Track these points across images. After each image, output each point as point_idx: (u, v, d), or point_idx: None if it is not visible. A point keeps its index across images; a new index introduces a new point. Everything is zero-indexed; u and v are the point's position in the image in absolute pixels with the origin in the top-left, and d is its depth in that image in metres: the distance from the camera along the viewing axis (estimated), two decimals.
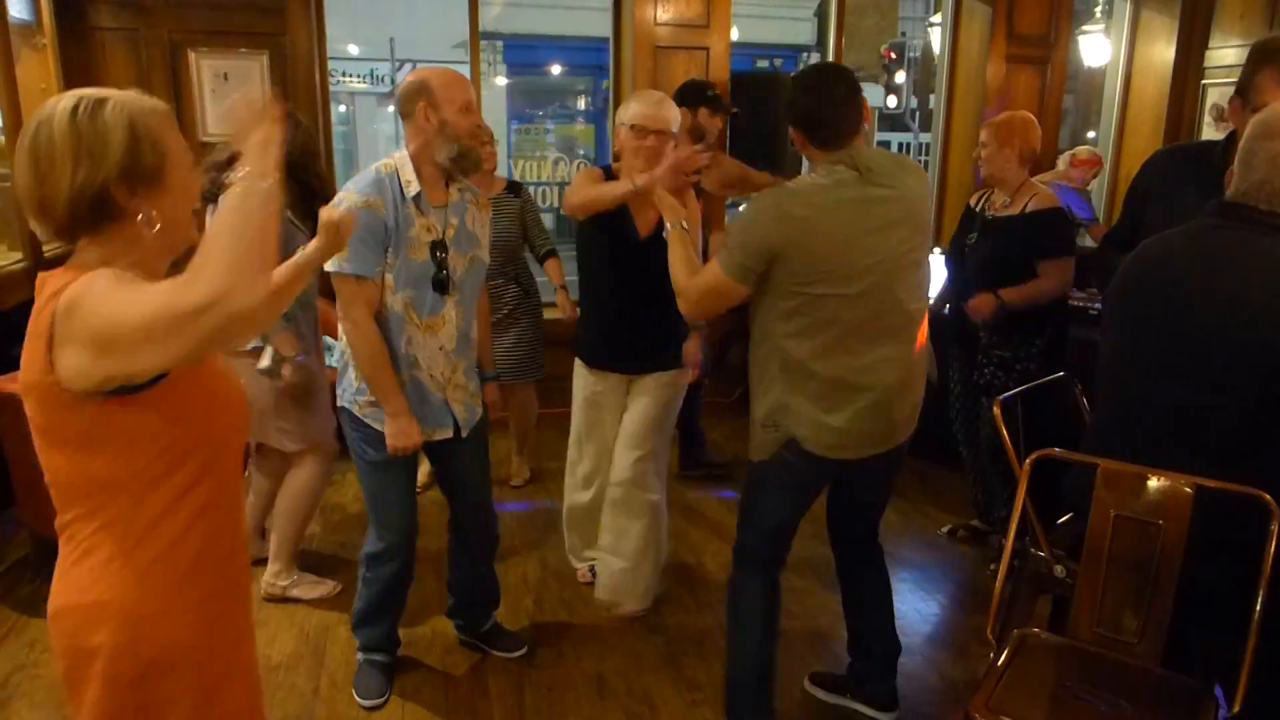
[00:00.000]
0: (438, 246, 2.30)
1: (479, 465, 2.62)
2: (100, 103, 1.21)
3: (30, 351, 1.20)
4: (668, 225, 2.28)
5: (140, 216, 1.23)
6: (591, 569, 3.18)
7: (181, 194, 1.28)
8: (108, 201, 1.20)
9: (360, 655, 2.66)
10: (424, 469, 3.97)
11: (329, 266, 2.18)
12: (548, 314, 4.01)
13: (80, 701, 1.28)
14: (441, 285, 2.31)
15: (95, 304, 1.14)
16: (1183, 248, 1.80)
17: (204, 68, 4.31)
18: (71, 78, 4.10)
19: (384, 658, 2.65)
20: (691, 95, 3.67)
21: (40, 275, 1.26)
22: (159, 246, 1.28)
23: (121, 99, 1.23)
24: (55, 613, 1.29)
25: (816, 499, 2.32)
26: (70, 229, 1.22)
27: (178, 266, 1.20)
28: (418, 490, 3.82)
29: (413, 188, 2.27)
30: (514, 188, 3.85)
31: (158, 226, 1.24)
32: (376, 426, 2.34)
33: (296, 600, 3.04)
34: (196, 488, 1.29)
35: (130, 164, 1.20)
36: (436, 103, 2.24)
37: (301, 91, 4.44)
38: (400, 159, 2.30)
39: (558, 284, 3.87)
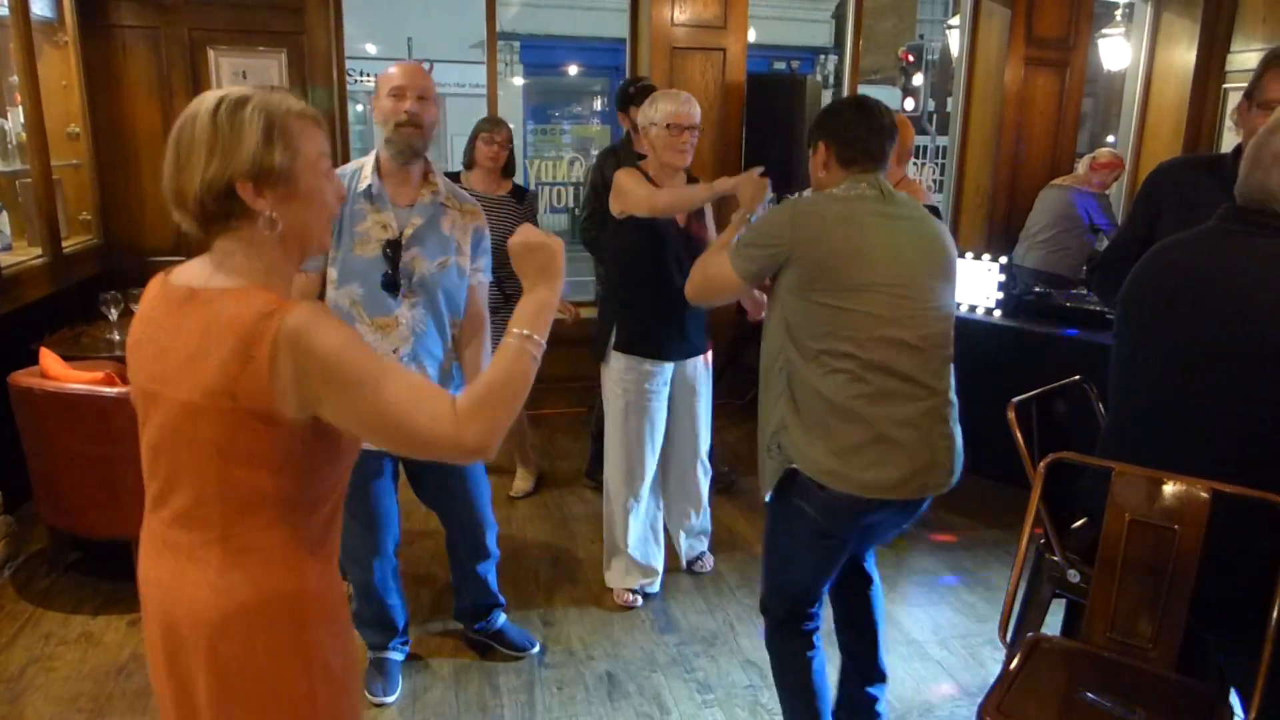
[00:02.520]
0: (392, 245, 2.25)
1: (458, 482, 2.54)
2: (242, 101, 1.23)
3: (227, 374, 1.18)
4: (740, 214, 2.47)
5: (262, 218, 1.24)
6: (639, 591, 3.14)
7: (310, 200, 1.28)
8: (234, 198, 1.22)
9: (369, 653, 2.67)
10: (520, 478, 4.03)
11: None
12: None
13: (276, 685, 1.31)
14: (391, 285, 2.26)
15: (331, 353, 1.18)
16: (1196, 252, 1.79)
17: (223, 66, 4.35)
18: (92, 75, 4.15)
19: (388, 655, 2.65)
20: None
21: (170, 277, 1.31)
22: (287, 250, 1.29)
23: (263, 99, 1.25)
24: (240, 609, 1.27)
25: (842, 557, 2.11)
26: (203, 222, 1.25)
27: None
28: (515, 495, 3.94)
29: (365, 182, 2.26)
30: (518, 192, 3.79)
31: (279, 229, 1.25)
32: None
33: None
34: (333, 504, 1.37)
35: (259, 163, 1.22)
36: (378, 91, 2.28)
37: (319, 90, 4.46)
38: (370, 155, 2.33)
39: None
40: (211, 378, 1.19)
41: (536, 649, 2.81)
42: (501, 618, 2.83)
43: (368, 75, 14.75)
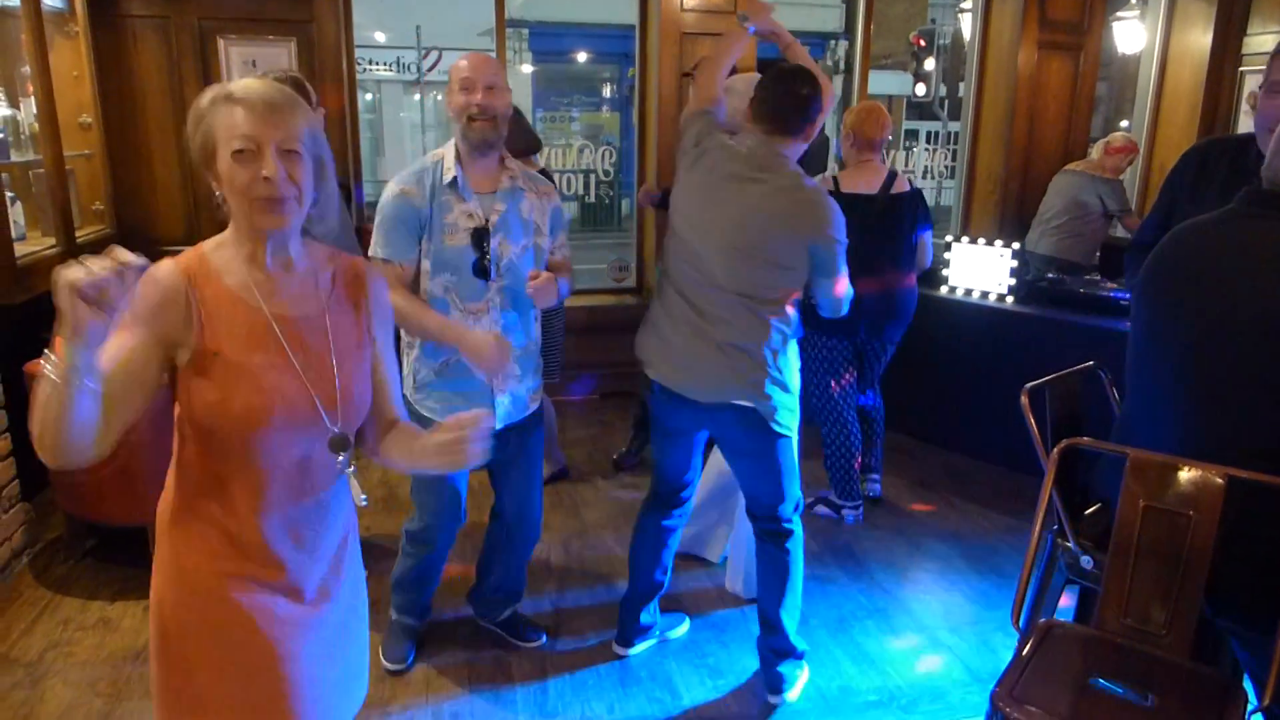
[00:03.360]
0: (480, 233, 2.30)
1: (526, 461, 2.60)
2: (209, 89, 1.32)
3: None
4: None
5: (218, 194, 1.34)
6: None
7: (227, 185, 1.31)
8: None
9: (393, 614, 2.73)
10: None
11: (370, 250, 2.32)
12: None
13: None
14: (482, 271, 2.31)
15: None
16: (1214, 235, 1.77)
17: (233, 55, 4.35)
18: (103, 65, 4.16)
19: (413, 621, 2.73)
20: None
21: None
22: (240, 227, 1.36)
23: (220, 87, 1.32)
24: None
25: (687, 445, 2.58)
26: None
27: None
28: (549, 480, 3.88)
29: (449, 174, 2.29)
30: (543, 176, 3.77)
31: (230, 205, 1.33)
32: (423, 412, 2.36)
33: None
34: (228, 483, 1.44)
35: (191, 146, 1.33)
36: (449, 86, 2.31)
37: (329, 79, 4.46)
38: (448, 147, 2.35)
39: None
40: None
41: (544, 640, 2.81)
42: (515, 608, 2.85)
43: (376, 64, 14.75)
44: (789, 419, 2.42)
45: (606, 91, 15.05)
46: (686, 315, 2.40)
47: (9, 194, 3.34)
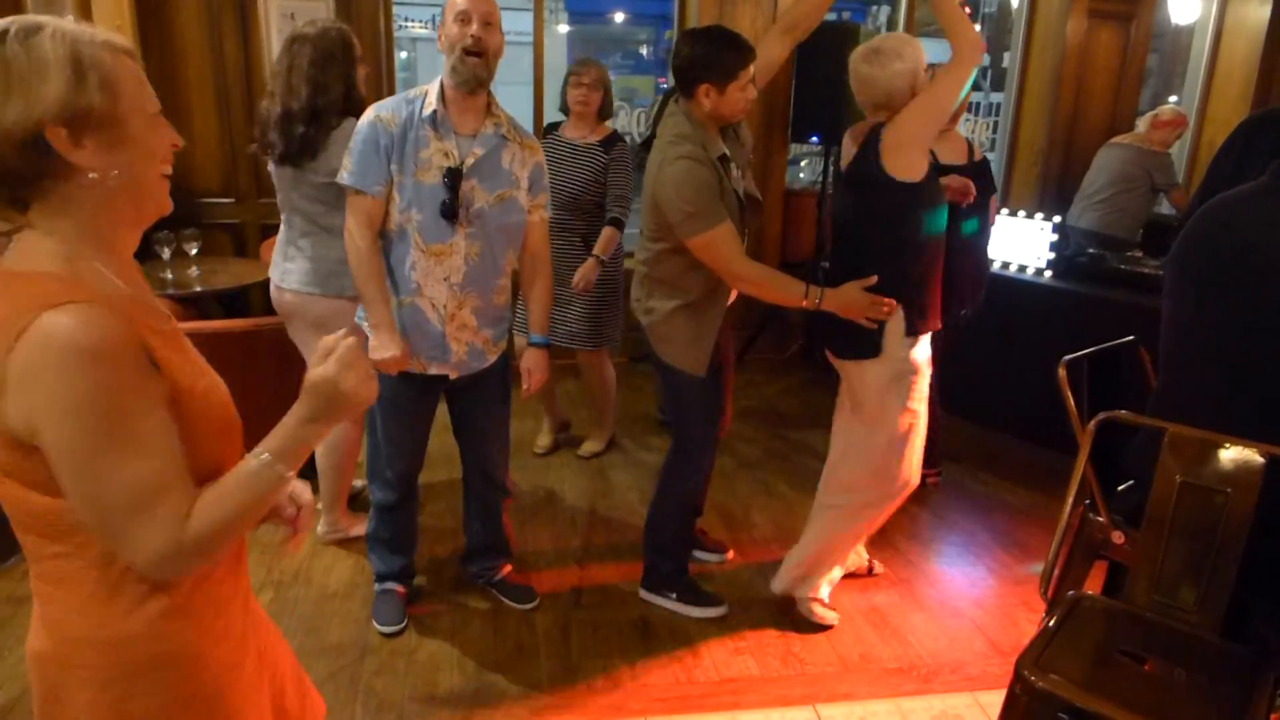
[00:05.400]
0: (453, 173, 2.25)
1: (486, 416, 2.57)
2: (35, 28, 0.98)
3: None
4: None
5: (92, 174, 1.01)
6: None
7: (144, 149, 1.05)
8: (48, 151, 0.97)
9: (375, 586, 2.73)
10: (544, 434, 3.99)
11: (338, 176, 2.28)
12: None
13: None
14: (450, 213, 2.26)
15: (61, 398, 0.94)
16: (1244, 210, 1.73)
17: (272, 8, 4.34)
18: (144, 18, 4.18)
19: (392, 586, 2.70)
20: None
21: None
22: (117, 213, 1.05)
23: (62, 26, 1.00)
24: (52, 653, 1.09)
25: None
26: (11, 187, 0.99)
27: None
28: (540, 452, 3.90)
29: (430, 108, 2.25)
30: (609, 141, 3.56)
31: (108, 185, 1.02)
32: (380, 355, 2.30)
33: (355, 539, 3.11)
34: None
35: (73, 104, 0.97)
36: (443, 18, 2.24)
37: (366, 35, 4.44)
38: (435, 82, 2.30)
39: (597, 251, 3.50)
40: None
41: (536, 603, 2.81)
42: (505, 568, 2.85)
43: (412, 21, 14.67)
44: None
45: (644, 53, 14.90)
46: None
47: None
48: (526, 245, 2.45)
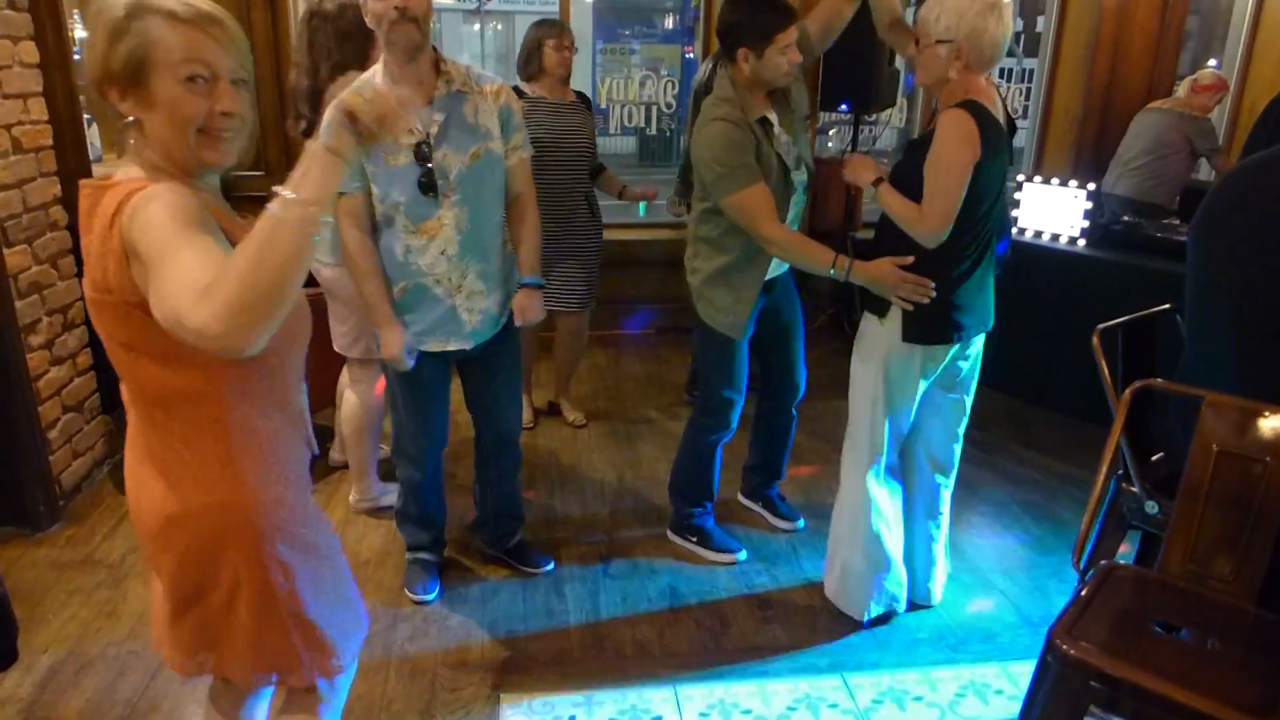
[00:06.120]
0: (422, 146, 2.19)
1: (501, 380, 2.57)
2: None
3: (101, 266, 1.17)
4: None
5: (129, 122, 1.18)
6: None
7: (169, 111, 1.17)
8: (107, 100, 1.18)
9: (407, 555, 2.77)
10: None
11: None
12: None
13: (218, 587, 1.35)
14: (429, 188, 2.22)
15: (147, 227, 1.10)
16: (1266, 177, 1.69)
17: None
18: None
19: (428, 556, 2.74)
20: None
21: (86, 183, 1.22)
22: (175, 160, 1.20)
23: None
24: (177, 515, 1.30)
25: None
26: (118, 117, 1.19)
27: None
28: (528, 426, 3.89)
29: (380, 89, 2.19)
30: (583, 99, 3.68)
31: (144, 139, 1.19)
32: (390, 352, 2.32)
33: (385, 508, 3.16)
34: (281, 390, 1.36)
35: (105, 66, 1.15)
36: None
37: None
38: (377, 65, 2.23)
39: (620, 186, 3.71)
40: (94, 270, 1.18)
41: (551, 566, 2.84)
42: (518, 533, 2.87)
43: None
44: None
45: (668, 23, 14.74)
46: None
47: (86, 115, 3.41)
48: (510, 188, 2.39)
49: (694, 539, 2.97)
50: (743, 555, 2.93)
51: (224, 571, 1.33)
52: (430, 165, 2.20)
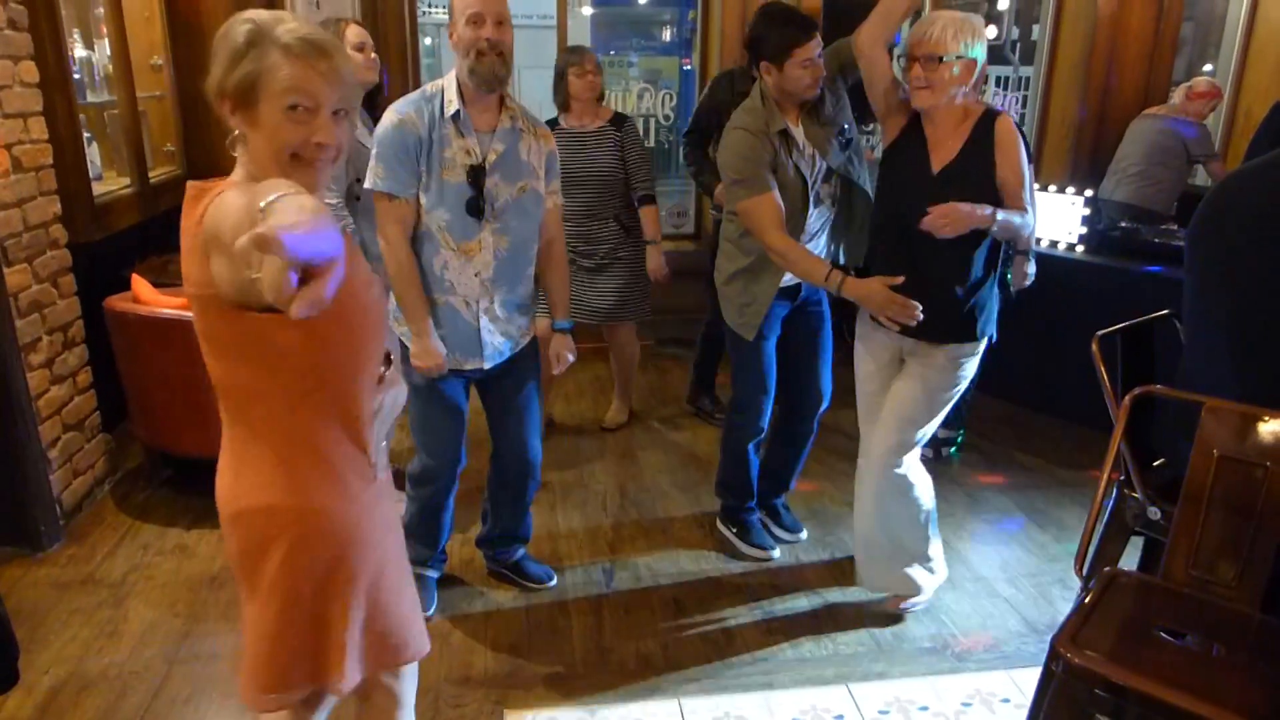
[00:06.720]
0: (476, 170, 2.27)
1: (518, 402, 2.58)
2: (246, 20, 1.26)
3: (190, 262, 1.26)
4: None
5: (238, 135, 1.29)
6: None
7: (264, 133, 1.26)
8: (220, 110, 1.28)
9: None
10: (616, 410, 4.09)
11: (367, 183, 2.27)
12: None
13: (258, 590, 1.38)
14: (476, 210, 2.28)
15: (220, 205, 1.19)
16: (1255, 184, 1.70)
17: None
18: (173, 6, 4.20)
19: (429, 573, 2.73)
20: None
21: (192, 184, 1.32)
22: (263, 178, 1.25)
23: (270, 22, 1.25)
24: (236, 514, 1.37)
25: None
26: (234, 128, 1.30)
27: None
28: (608, 427, 3.98)
29: (452, 106, 2.25)
30: (617, 120, 3.64)
31: (246, 152, 1.28)
32: (422, 362, 2.35)
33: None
34: (343, 400, 1.36)
35: (221, 84, 1.26)
36: (453, 17, 2.25)
37: (390, 21, 4.46)
38: (449, 78, 2.30)
39: (651, 237, 3.65)
40: (190, 267, 1.27)
41: (553, 580, 2.84)
42: (521, 550, 2.86)
43: (436, 7, 14.66)
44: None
45: (666, 35, 14.80)
46: None
47: (86, 134, 3.43)
48: (543, 232, 2.46)
49: (734, 530, 3.06)
50: (776, 554, 3.01)
51: (260, 577, 1.37)
52: (482, 189, 2.28)
